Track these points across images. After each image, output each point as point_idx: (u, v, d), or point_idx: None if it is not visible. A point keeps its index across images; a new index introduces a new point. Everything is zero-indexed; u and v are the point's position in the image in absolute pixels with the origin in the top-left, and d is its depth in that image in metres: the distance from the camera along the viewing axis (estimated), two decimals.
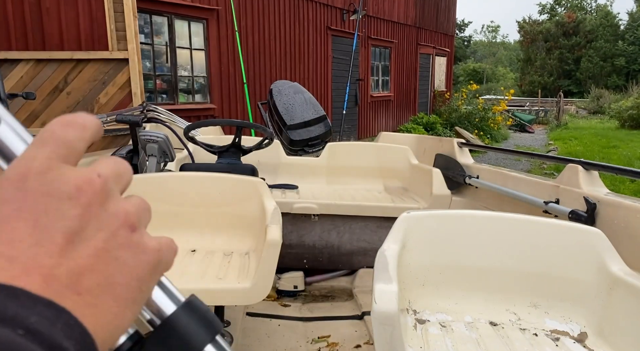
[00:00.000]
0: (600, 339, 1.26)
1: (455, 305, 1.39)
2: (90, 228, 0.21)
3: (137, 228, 0.23)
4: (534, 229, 1.40)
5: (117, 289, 0.21)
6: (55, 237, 0.20)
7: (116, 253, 0.21)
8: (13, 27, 2.93)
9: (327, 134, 3.14)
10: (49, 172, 0.21)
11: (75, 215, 0.20)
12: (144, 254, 0.22)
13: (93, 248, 0.21)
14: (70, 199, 0.20)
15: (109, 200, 0.22)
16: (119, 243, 0.22)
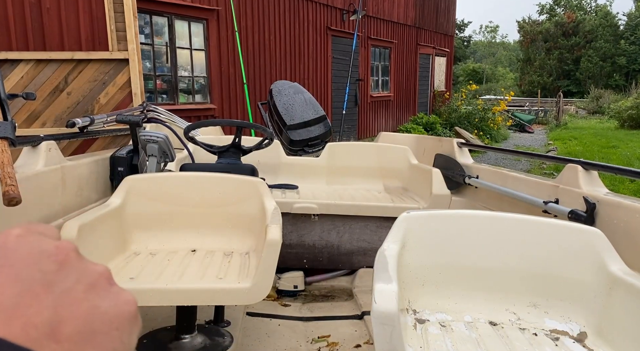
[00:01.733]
0: (599, 339, 1.27)
1: (455, 305, 1.39)
2: (70, 279, 0.22)
3: (115, 283, 0.24)
4: (533, 229, 1.40)
5: (97, 338, 0.21)
6: (36, 288, 0.20)
7: (96, 302, 0.22)
8: (13, 28, 2.93)
9: (327, 134, 3.14)
10: (28, 235, 0.22)
11: (55, 269, 0.22)
12: (124, 304, 0.23)
13: (73, 298, 0.21)
14: (50, 256, 0.22)
15: (84, 259, 0.24)
16: (99, 293, 0.22)
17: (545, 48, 29.23)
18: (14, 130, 1.32)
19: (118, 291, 0.24)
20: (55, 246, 0.23)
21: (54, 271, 0.22)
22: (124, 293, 0.24)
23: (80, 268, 0.23)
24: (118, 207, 1.72)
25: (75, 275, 0.22)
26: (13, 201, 1.17)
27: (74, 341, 0.20)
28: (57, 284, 0.21)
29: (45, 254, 0.22)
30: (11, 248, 0.22)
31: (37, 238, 0.23)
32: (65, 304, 0.21)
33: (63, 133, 2.22)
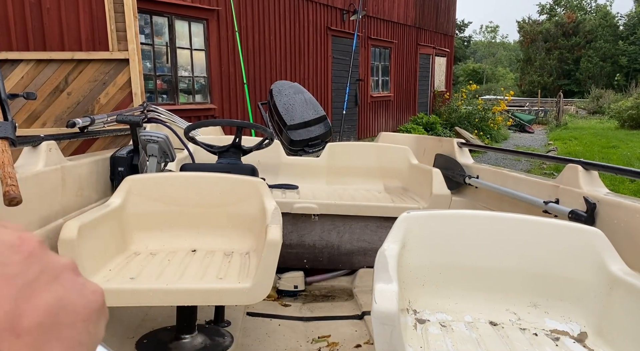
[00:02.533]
0: (600, 339, 1.27)
1: (455, 305, 1.39)
2: (32, 271, 0.21)
3: (80, 274, 0.23)
4: (533, 229, 1.40)
5: (62, 330, 0.21)
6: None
7: (60, 294, 0.21)
8: (14, 28, 2.93)
9: (327, 134, 3.14)
10: None
11: (17, 260, 0.21)
12: (90, 295, 0.23)
13: (35, 290, 0.21)
14: (12, 247, 0.21)
15: (49, 251, 0.23)
16: (63, 285, 0.22)
17: (546, 48, 29.24)
18: (15, 130, 1.32)
19: (84, 282, 0.23)
20: (19, 237, 0.22)
21: (16, 262, 0.21)
22: (90, 284, 0.23)
23: (44, 260, 0.22)
24: (118, 207, 1.72)
25: (39, 267, 0.21)
26: (14, 201, 1.17)
27: (36, 335, 0.20)
28: (19, 276, 0.20)
29: (8, 245, 0.21)
30: None
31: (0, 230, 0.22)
32: (27, 296, 0.20)
33: (63, 133, 2.22)
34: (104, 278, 1.50)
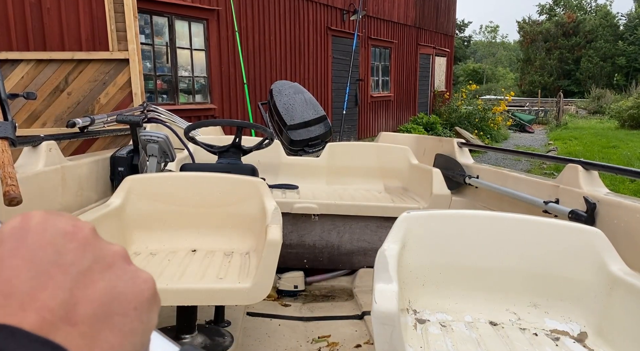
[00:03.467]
0: (600, 339, 1.27)
1: (455, 305, 1.39)
2: (86, 260, 0.21)
3: (131, 262, 0.23)
4: (533, 229, 1.40)
5: (115, 319, 0.21)
6: (51, 270, 0.20)
7: (113, 283, 0.21)
8: (14, 28, 2.93)
9: (327, 134, 3.14)
10: (48, 219, 0.22)
11: (72, 248, 0.21)
12: (142, 283, 0.22)
13: (89, 279, 0.21)
14: (67, 234, 0.21)
15: (101, 239, 0.23)
16: (116, 274, 0.22)
17: (546, 48, 29.23)
18: (15, 130, 1.32)
19: (135, 271, 0.23)
20: (73, 225, 0.22)
21: (71, 250, 0.21)
22: (142, 272, 0.23)
23: (97, 247, 0.22)
24: (118, 207, 1.72)
25: (92, 255, 0.21)
26: (14, 201, 1.17)
27: (90, 324, 0.20)
28: (73, 265, 0.21)
29: (62, 232, 0.21)
30: (31, 229, 0.21)
31: (54, 218, 0.22)
32: (81, 285, 0.20)
33: (63, 133, 2.22)
34: None
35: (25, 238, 0.21)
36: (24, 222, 0.21)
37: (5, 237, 0.21)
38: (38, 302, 0.19)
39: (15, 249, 0.20)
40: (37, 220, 0.21)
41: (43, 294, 0.19)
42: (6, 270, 0.19)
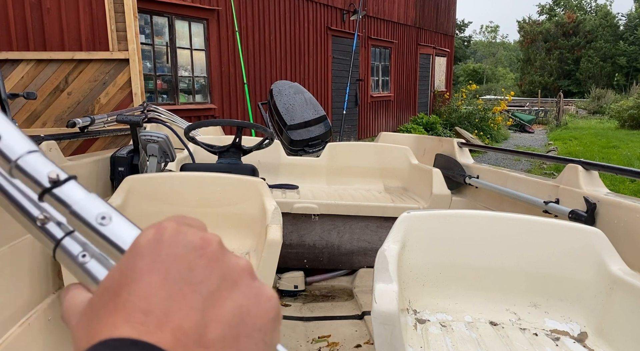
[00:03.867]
0: (600, 339, 1.27)
1: (455, 305, 1.39)
2: (215, 277, 0.21)
3: (256, 277, 0.23)
4: (534, 229, 1.40)
5: (240, 341, 0.20)
6: (184, 289, 0.20)
7: (239, 302, 0.21)
8: (14, 28, 2.93)
9: (327, 134, 3.14)
10: (180, 231, 0.21)
11: (202, 265, 0.21)
12: (266, 302, 0.22)
13: (218, 298, 0.20)
14: (196, 250, 0.21)
15: (228, 252, 0.22)
16: (242, 292, 0.21)
17: (546, 48, 29.24)
18: None
19: (260, 287, 0.22)
20: (201, 238, 0.21)
21: (201, 267, 0.20)
22: (266, 289, 0.22)
23: (225, 263, 0.21)
24: (118, 207, 1.72)
25: (220, 272, 0.21)
26: None
27: (219, 347, 0.19)
28: (203, 283, 0.20)
29: (192, 247, 0.21)
30: (164, 242, 0.21)
31: (185, 230, 0.22)
32: (211, 306, 0.20)
33: (63, 133, 2.22)
34: None
35: (160, 252, 0.20)
36: (158, 234, 0.21)
37: (143, 249, 0.21)
38: (173, 322, 0.19)
39: (151, 263, 0.20)
40: (170, 233, 0.21)
41: (178, 314, 0.19)
42: (145, 287, 0.19)
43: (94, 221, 0.23)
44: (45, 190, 0.23)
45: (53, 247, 0.25)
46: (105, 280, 0.20)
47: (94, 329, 0.19)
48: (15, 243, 1.36)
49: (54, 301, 1.51)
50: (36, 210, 0.25)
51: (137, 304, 0.19)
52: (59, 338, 1.50)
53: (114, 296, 0.19)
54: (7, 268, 1.31)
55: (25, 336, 1.34)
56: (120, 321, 0.18)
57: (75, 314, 0.22)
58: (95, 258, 0.24)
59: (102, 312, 0.19)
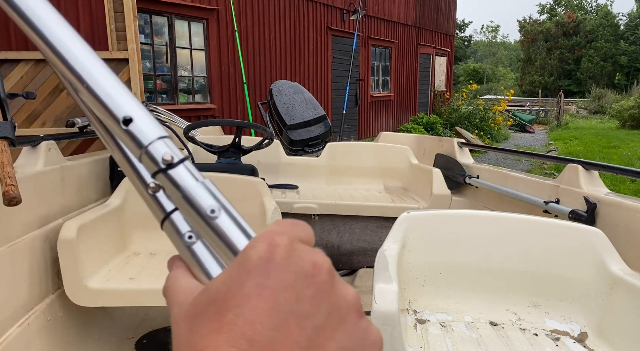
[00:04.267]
0: (600, 339, 1.26)
1: (455, 305, 1.39)
2: (322, 312, 0.19)
3: (363, 314, 0.20)
4: (534, 229, 1.39)
5: None
6: (290, 321, 0.18)
7: (344, 344, 0.19)
8: (13, 28, 2.93)
9: (327, 134, 3.13)
10: (292, 252, 0.20)
11: (309, 296, 0.19)
12: (371, 347, 0.20)
13: (323, 337, 0.19)
14: (306, 277, 0.19)
15: (337, 281, 0.20)
16: (348, 332, 0.19)
17: (546, 48, 29.24)
18: (14, 130, 1.32)
19: (366, 328, 0.20)
20: (312, 263, 0.20)
21: (308, 298, 0.19)
22: (372, 330, 0.20)
23: (333, 296, 0.19)
24: (118, 207, 1.72)
25: (328, 306, 0.19)
26: (13, 201, 1.17)
27: None
28: (310, 318, 0.18)
29: (302, 274, 0.19)
30: (276, 263, 0.19)
31: (298, 253, 0.20)
32: (314, 345, 0.18)
33: (63, 133, 2.22)
34: (103, 278, 1.50)
35: (269, 275, 0.19)
36: (270, 253, 0.19)
37: (253, 267, 0.19)
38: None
39: (260, 287, 0.18)
40: (282, 254, 0.19)
41: (282, 349, 0.18)
42: (251, 312, 0.18)
43: (205, 210, 0.22)
44: (159, 170, 0.23)
45: (162, 218, 0.25)
46: (212, 290, 0.19)
47: (196, 343, 0.18)
48: (15, 243, 1.36)
49: (53, 301, 1.50)
50: (150, 178, 0.25)
51: (243, 329, 0.18)
52: (58, 339, 1.50)
53: (219, 314, 0.18)
54: (6, 268, 1.31)
55: (24, 336, 1.34)
56: (224, 344, 0.17)
57: (176, 298, 0.22)
58: (201, 242, 0.24)
59: (205, 326, 0.18)
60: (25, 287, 1.39)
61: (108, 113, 0.24)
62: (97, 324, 1.70)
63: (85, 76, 0.24)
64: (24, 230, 1.41)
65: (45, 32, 0.24)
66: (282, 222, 0.22)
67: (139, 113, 0.24)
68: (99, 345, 1.63)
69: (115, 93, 0.24)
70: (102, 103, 0.24)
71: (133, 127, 0.24)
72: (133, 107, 0.24)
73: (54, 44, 0.24)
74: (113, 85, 0.24)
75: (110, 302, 1.51)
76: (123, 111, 0.24)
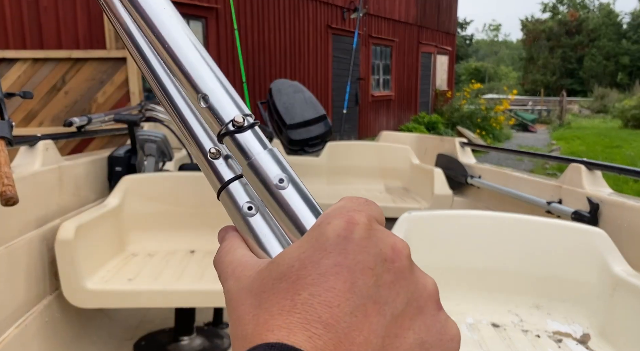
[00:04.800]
0: (603, 340, 1.25)
1: (456, 307, 1.38)
2: (401, 299, 0.18)
3: (442, 306, 0.19)
4: (536, 229, 1.38)
5: None
6: (369, 307, 0.17)
7: (421, 336, 0.18)
8: (10, 26, 2.92)
9: (327, 134, 3.12)
10: (372, 232, 0.18)
11: (389, 282, 0.18)
12: (449, 341, 0.18)
13: (400, 326, 0.17)
14: (385, 261, 0.18)
15: (416, 269, 0.19)
16: (426, 324, 0.18)
17: (549, 47, 29.15)
18: (11, 130, 1.31)
19: (445, 321, 0.19)
20: (392, 247, 0.18)
21: (387, 284, 0.17)
22: (450, 324, 0.19)
23: (412, 283, 0.18)
24: (116, 207, 1.71)
25: (407, 294, 0.18)
26: (10, 201, 1.16)
27: None
28: (388, 304, 0.17)
29: (382, 258, 0.18)
30: (354, 242, 0.18)
31: (377, 233, 0.18)
32: (392, 334, 0.17)
33: (60, 132, 2.21)
34: (101, 280, 1.49)
35: (348, 255, 0.17)
36: (349, 230, 0.18)
37: (330, 245, 0.18)
38: (353, 345, 0.16)
39: (338, 266, 0.17)
40: (361, 232, 0.18)
41: (358, 337, 0.16)
42: (329, 293, 0.17)
43: (272, 179, 0.21)
44: (226, 133, 0.22)
45: (219, 187, 0.24)
46: (283, 265, 0.18)
47: (265, 321, 0.17)
48: (12, 244, 1.35)
49: (50, 302, 1.49)
50: (209, 143, 0.24)
51: (319, 312, 0.16)
52: (56, 340, 1.49)
53: (293, 293, 0.17)
54: (3, 269, 1.30)
55: (21, 337, 1.33)
56: (297, 326, 0.16)
57: (232, 270, 0.20)
58: (261, 214, 0.23)
59: (275, 304, 0.17)
60: (22, 288, 1.38)
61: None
62: (95, 325, 1.69)
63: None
64: (21, 231, 1.40)
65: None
66: (355, 198, 0.20)
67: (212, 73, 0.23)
68: (97, 347, 1.63)
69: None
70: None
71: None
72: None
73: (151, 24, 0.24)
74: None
75: (108, 304, 1.50)
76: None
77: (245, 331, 0.17)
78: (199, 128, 0.24)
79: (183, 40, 0.23)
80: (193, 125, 0.24)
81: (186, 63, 0.23)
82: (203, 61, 0.23)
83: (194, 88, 0.23)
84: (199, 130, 0.24)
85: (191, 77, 0.23)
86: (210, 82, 0.23)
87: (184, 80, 0.23)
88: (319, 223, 0.19)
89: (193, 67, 0.23)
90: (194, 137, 0.24)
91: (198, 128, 0.24)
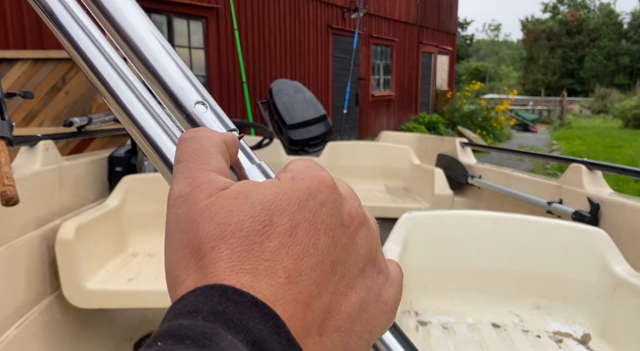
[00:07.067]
0: (603, 340, 1.25)
1: (457, 307, 1.38)
2: (351, 261, 0.19)
3: (382, 270, 0.20)
4: (536, 230, 1.38)
5: (350, 338, 0.18)
6: (325, 263, 0.18)
7: (362, 295, 0.19)
8: (11, 26, 2.91)
9: (327, 134, 3.12)
10: (336, 194, 0.19)
11: (342, 244, 0.19)
12: (384, 303, 0.20)
13: (346, 285, 0.18)
14: (343, 226, 0.19)
15: (361, 234, 0.20)
16: (366, 285, 0.19)
17: (549, 46, 29.13)
18: (11, 130, 1.31)
19: (382, 285, 0.20)
20: (349, 214, 0.19)
21: (342, 246, 0.18)
22: (386, 289, 0.20)
23: (358, 247, 0.19)
24: (116, 207, 1.71)
25: (355, 256, 0.19)
26: (11, 201, 1.16)
27: (333, 338, 0.17)
28: (340, 263, 0.18)
29: (340, 222, 0.19)
30: (323, 204, 0.18)
31: (339, 197, 0.19)
32: (340, 292, 0.18)
33: (61, 132, 2.20)
34: (101, 280, 1.49)
35: (316, 213, 0.18)
36: (319, 192, 0.18)
37: (303, 201, 0.18)
38: (308, 298, 0.17)
39: (308, 222, 0.18)
40: (329, 196, 0.19)
41: (313, 291, 0.17)
42: (295, 246, 0.17)
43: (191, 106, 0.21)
44: None
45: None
46: (256, 202, 0.17)
47: (232, 267, 0.16)
48: (12, 244, 1.35)
49: (51, 302, 1.49)
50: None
51: (285, 262, 0.17)
52: (56, 340, 1.49)
53: (264, 237, 0.17)
54: (3, 269, 1.30)
55: (22, 338, 1.33)
56: (261, 273, 0.16)
57: (192, 171, 0.20)
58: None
59: (241, 243, 0.17)
60: (22, 288, 1.38)
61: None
62: (95, 326, 1.69)
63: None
64: (21, 231, 1.40)
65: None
66: (309, 160, 0.21)
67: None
68: (97, 347, 1.62)
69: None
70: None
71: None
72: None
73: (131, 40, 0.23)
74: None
75: (108, 304, 1.50)
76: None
77: (200, 267, 0.17)
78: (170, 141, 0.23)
79: (161, 53, 0.23)
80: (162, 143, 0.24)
81: (171, 81, 0.22)
82: (190, 77, 0.23)
83: (182, 105, 0.22)
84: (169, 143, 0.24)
85: (178, 98, 0.22)
86: (198, 100, 0.22)
87: (170, 99, 0.22)
88: (291, 176, 0.19)
89: (179, 86, 0.22)
90: (158, 153, 0.24)
91: (169, 141, 0.23)
